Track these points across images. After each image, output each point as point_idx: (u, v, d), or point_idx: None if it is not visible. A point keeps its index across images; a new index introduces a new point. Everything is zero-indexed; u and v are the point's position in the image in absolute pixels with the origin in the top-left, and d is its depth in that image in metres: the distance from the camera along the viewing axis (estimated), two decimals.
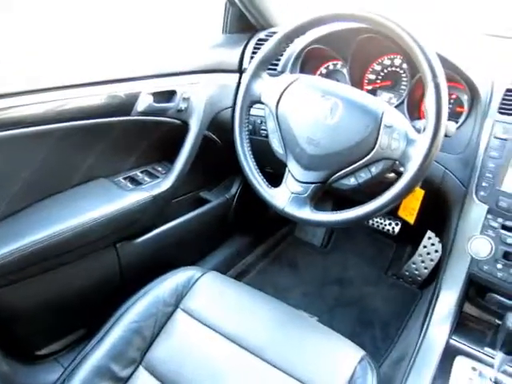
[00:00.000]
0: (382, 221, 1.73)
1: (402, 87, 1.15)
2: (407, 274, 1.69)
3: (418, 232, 1.67)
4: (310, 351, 0.89)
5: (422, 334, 1.01)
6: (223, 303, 0.98)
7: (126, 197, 1.10)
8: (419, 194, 0.96)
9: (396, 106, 1.08)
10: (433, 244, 1.63)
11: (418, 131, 0.78)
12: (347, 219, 0.82)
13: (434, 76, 0.73)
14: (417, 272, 1.67)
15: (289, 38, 0.90)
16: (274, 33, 0.93)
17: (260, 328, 0.93)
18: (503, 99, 0.94)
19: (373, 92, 1.19)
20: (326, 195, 1.23)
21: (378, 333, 1.50)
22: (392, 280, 1.73)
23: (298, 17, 0.87)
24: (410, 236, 1.73)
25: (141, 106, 1.05)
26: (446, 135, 0.78)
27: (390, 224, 1.72)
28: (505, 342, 0.83)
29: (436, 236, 1.61)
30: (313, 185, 0.87)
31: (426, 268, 1.65)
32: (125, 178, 1.19)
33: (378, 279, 1.73)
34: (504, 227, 0.92)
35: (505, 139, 0.91)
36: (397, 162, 0.80)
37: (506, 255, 0.93)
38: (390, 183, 0.79)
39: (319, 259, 1.84)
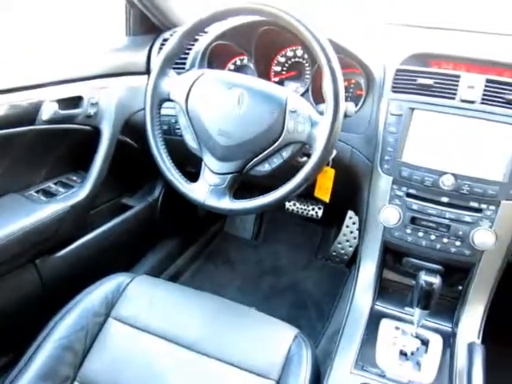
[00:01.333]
0: (306, 207, 1.80)
1: (306, 76, 1.21)
2: (335, 254, 1.78)
3: (340, 213, 1.76)
4: (246, 337, 0.91)
5: (349, 306, 1.08)
6: (156, 305, 0.97)
7: (41, 210, 1.05)
8: (331, 172, 1.01)
9: (302, 94, 1.13)
10: (354, 223, 1.73)
11: (321, 113, 0.83)
12: (267, 203, 0.86)
13: (328, 60, 0.79)
14: (343, 251, 1.76)
15: (190, 35, 0.92)
16: None
17: (195, 323, 0.93)
18: (394, 79, 1.02)
19: (280, 83, 1.23)
20: (251, 186, 1.27)
21: (313, 313, 1.56)
22: (322, 262, 1.81)
23: (198, 14, 0.89)
24: (334, 218, 1.82)
25: (45, 114, 1.01)
26: (346, 115, 0.84)
27: (313, 209, 1.79)
28: (420, 298, 0.91)
29: (356, 215, 1.70)
30: (230, 175, 0.89)
31: (350, 246, 1.75)
32: (37, 191, 1.14)
33: (308, 263, 1.81)
34: (408, 195, 1.01)
35: (400, 115, 0.99)
36: (307, 146, 0.85)
37: (413, 220, 1.02)
38: (303, 167, 0.84)
39: (251, 252, 1.87)
